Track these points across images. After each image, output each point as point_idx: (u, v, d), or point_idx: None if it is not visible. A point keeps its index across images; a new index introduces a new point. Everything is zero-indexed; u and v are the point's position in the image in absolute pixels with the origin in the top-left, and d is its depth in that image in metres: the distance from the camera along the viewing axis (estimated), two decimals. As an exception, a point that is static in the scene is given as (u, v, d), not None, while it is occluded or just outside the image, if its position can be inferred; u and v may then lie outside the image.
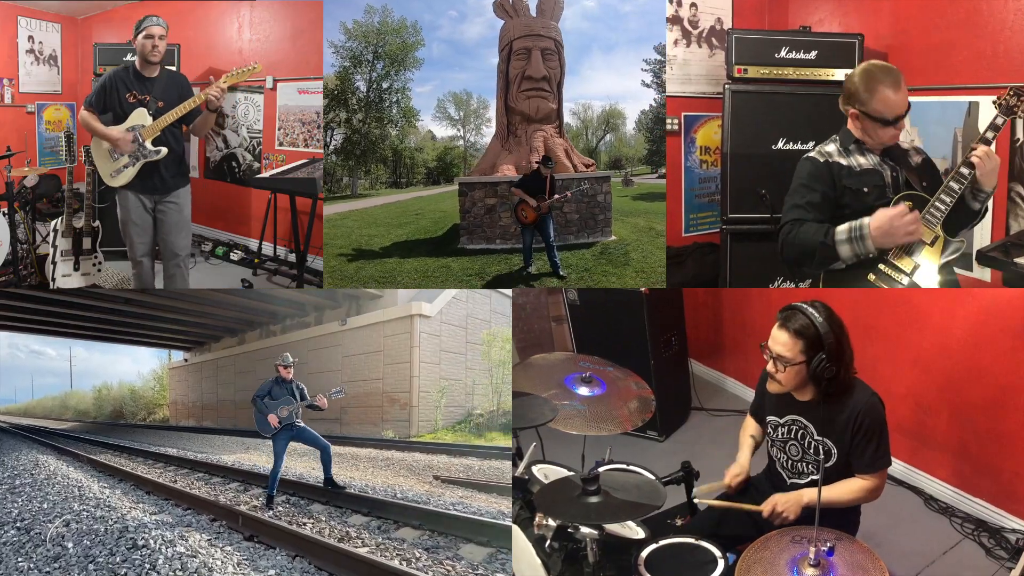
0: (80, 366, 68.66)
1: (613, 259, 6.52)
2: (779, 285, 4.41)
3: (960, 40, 3.94)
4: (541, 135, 8.39)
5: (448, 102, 18.80)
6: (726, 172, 4.39)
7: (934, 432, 3.78)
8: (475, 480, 5.54)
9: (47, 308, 10.95)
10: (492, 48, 16.57)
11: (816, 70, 4.40)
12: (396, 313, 10.60)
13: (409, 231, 8.72)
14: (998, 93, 2.62)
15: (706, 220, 5.29)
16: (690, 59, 5.18)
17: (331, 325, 11.86)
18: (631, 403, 2.91)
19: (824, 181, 2.71)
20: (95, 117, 3.81)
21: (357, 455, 7.80)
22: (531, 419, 2.76)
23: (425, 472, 6.25)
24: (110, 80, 3.82)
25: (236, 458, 7.68)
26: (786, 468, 2.59)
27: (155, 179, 3.87)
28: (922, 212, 2.62)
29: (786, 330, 2.36)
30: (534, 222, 5.75)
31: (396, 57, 16.64)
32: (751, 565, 1.98)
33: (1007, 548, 3.33)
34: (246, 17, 6.08)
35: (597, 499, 2.27)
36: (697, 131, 5.23)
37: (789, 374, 2.39)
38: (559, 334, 5.69)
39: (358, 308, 11.47)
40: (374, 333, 10.97)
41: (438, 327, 10.68)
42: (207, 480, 6.12)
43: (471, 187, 7.32)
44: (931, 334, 3.72)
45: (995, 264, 3.53)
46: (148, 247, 4.04)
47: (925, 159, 2.84)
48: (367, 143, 17.16)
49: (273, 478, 4.59)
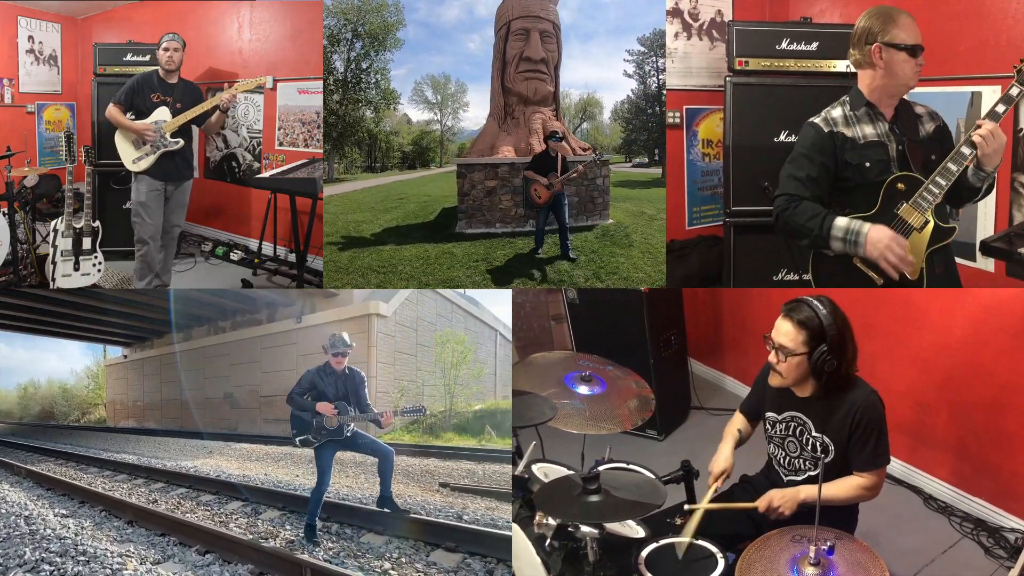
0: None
1: (617, 241, 6.42)
2: (783, 277, 4.40)
3: (962, 30, 3.91)
4: (539, 117, 8.28)
5: (425, 85, 18.46)
6: (729, 165, 4.37)
7: (933, 431, 3.78)
8: (485, 487, 5.32)
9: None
10: (469, 32, 16.35)
11: (817, 61, 4.37)
12: (353, 312, 10.33)
13: (398, 216, 8.37)
14: (1001, 83, 2.58)
15: (710, 213, 5.28)
16: (691, 52, 5.17)
17: (285, 323, 11.49)
18: (631, 402, 2.92)
19: (826, 153, 2.67)
20: (121, 113, 4.45)
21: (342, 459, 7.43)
22: (530, 418, 2.77)
23: (424, 479, 5.98)
24: (137, 83, 4.51)
25: (199, 464, 7.11)
26: (783, 465, 2.59)
27: (170, 167, 4.56)
28: (914, 196, 2.59)
29: (790, 320, 2.37)
30: (548, 202, 5.64)
31: (376, 36, 16.18)
32: (751, 564, 1.99)
33: (1006, 547, 3.34)
34: (246, 17, 6.08)
35: (597, 498, 2.27)
36: (699, 124, 5.22)
37: (790, 365, 2.39)
38: (558, 333, 5.68)
39: (312, 306, 11.17)
40: (330, 332, 10.30)
41: (393, 328, 10.51)
42: (192, 496, 5.29)
43: (470, 168, 7.03)
44: (930, 332, 3.73)
45: (999, 254, 3.50)
46: (156, 229, 4.58)
47: (938, 127, 2.75)
48: (343, 125, 16.50)
49: (316, 501, 3.72)
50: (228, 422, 12.49)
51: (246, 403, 12.25)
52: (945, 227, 2.64)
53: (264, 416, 11.72)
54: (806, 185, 2.67)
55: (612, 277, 5.41)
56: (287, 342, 11.42)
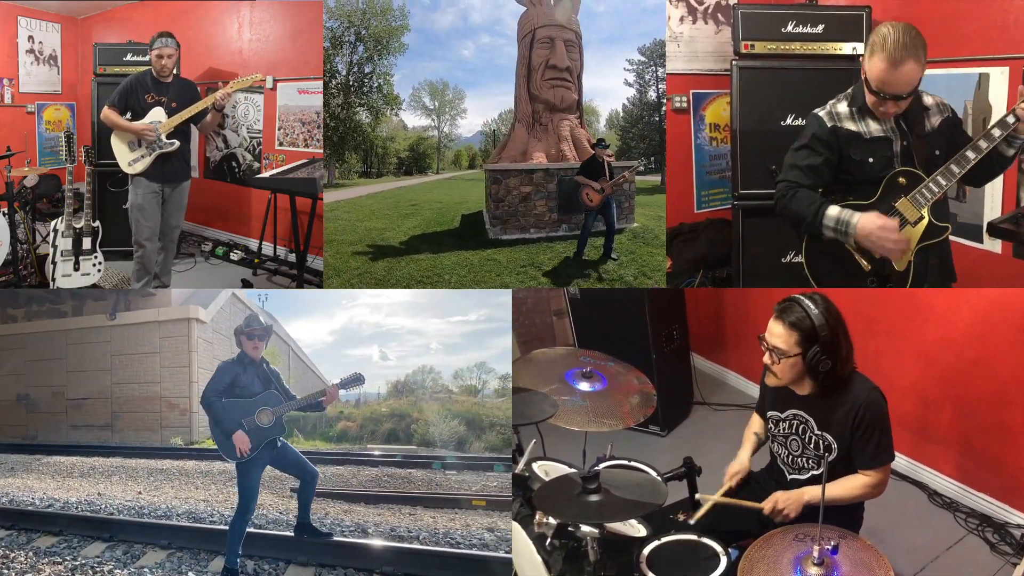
0: None
1: (648, 241, 6.59)
2: (792, 259, 4.38)
3: (969, 10, 3.86)
4: (567, 124, 8.39)
5: (423, 91, 18.45)
6: (736, 149, 4.35)
7: (937, 426, 3.76)
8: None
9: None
10: (463, 39, 16.30)
11: (824, 44, 4.32)
12: (173, 314, 9.78)
13: (419, 223, 8.37)
14: (1009, 64, 2.54)
15: (718, 196, 5.28)
16: (696, 36, 5.13)
17: (96, 318, 10.27)
18: (633, 398, 2.90)
19: (829, 146, 2.67)
20: (117, 114, 4.39)
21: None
22: (531, 416, 2.75)
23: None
24: (131, 84, 4.43)
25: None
26: (787, 463, 2.57)
27: (167, 169, 4.48)
28: (912, 191, 2.58)
29: (781, 322, 2.36)
30: (599, 205, 5.89)
31: (380, 40, 15.97)
32: (754, 563, 1.97)
33: (1012, 543, 3.31)
34: (246, 17, 6.06)
35: (597, 497, 2.25)
36: (706, 108, 5.19)
37: (784, 367, 2.38)
38: (560, 328, 5.68)
39: (127, 303, 10.24)
40: (150, 333, 9.86)
41: (211, 334, 10.08)
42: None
43: (505, 175, 7.10)
44: (934, 327, 3.70)
45: (1006, 236, 3.46)
46: (153, 231, 4.53)
47: (946, 120, 2.72)
48: (344, 129, 16.47)
49: (238, 534, 3.00)
50: (24, 429, 10.53)
51: (48, 407, 10.61)
52: (939, 225, 2.64)
53: (72, 422, 10.34)
54: (806, 174, 2.68)
55: (656, 274, 5.63)
56: (99, 339, 10.15)
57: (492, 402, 10.83)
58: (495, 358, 12.39)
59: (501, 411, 9.75)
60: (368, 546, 3.32)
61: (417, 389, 12.27)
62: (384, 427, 10.64)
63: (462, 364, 13.40)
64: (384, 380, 12.78)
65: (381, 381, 12.72)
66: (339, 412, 10.87)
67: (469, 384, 12.37)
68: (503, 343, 10.22)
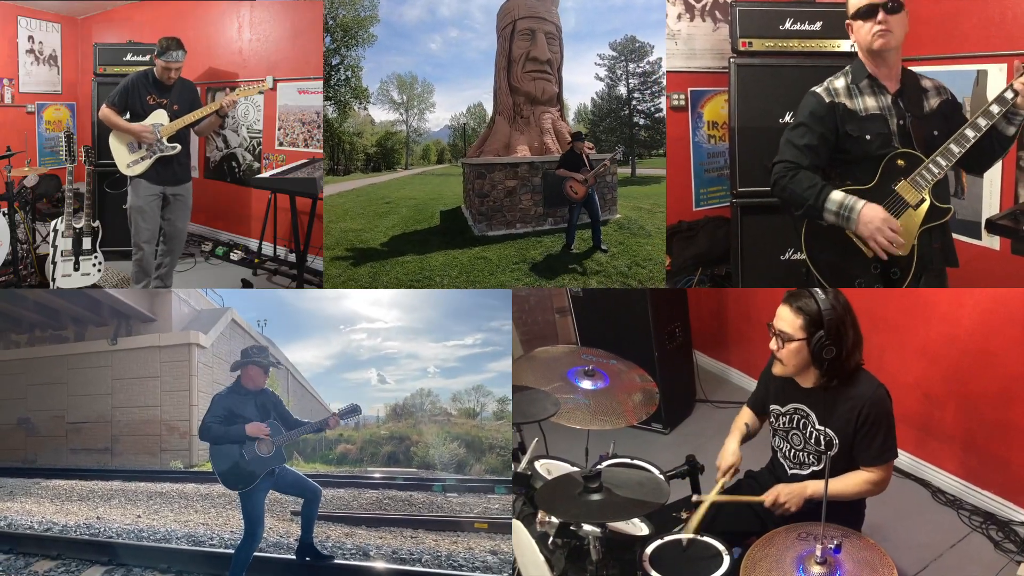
0: None
1: (635, 231, 6.50)
2: (791, 256, 4.37)
3: (968, 7, 3.85)
4: (549, 117, 8.28)
5: (391, 84, 18.16)
6: (734, 146, 4.35)
7: (941, 423, 3.74)
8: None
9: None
10: (431, 33, 16.12)
11: (822, 41, 4.33)
12: (174, 339, 9.89)
13: (396, 222, 7.94)
14: (1007, 61, 2.54)
15: (716, 194, 5.28)
16: (694, 33, 5.13)
17: (98, 343, 10.41)
18: (635, 396, 2.88)
19: (826, 123, 2.66)
20: (117, 114, 4.32)
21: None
22: (533, 414, 2.74)
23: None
24: (131, 83, 4.35)
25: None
26: (788, 458, 2.56)
27: (167, 172, 4.43)
28: (912, 174, 2.56)
29: (789, 306, 2.37)
30: (584, 197, 5.85)
31: (348, 30, 15.79)
32: (757, 562, 1.96)
33: (1016, 541, 3.30)
34: (246, 17, 6.06)
35: (599, 496, 2.24)
36: (704, 106, 5.19)
37: (789, 351, 2.37)
38: (563, 326, 5.67)
39: (128, 328, 10.37)
40: (150, 357, 9.94)
41: (211, 359, 10.11)
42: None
43: (490, 168, 6.90)
44: (938, 324, 3.69)
45: (1004, 232, 3.46)
46: (152, 233, 4.49)
47: (945, 102, 2.71)
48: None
49: (242, 562, 3.00)
50: (23, 452, 10.60)
51: (48, 430, 10.70)
52: (941, 207, 2.62)
53: (71, 445, 10.40)
54: (805, 154, 2.66)
55: (649, 263, 5.53)
56: (100, 364, 10.28)
57: (491, 424, 10.84)
58: (492, 381, 12.50)
59: (500, 433, 9.74)
60: (371, 569, 3.38)
61: (416, 412, 12.35)
62: (384, 450, 10.62)
63: (460, 387, 13.36)
64: (383, 403, 12.88)
65: (380, 404, 12.81)
66: (339, 435, 10.86)
67: (467, 407, 12.39)
68: (501, 366, 10.30)
